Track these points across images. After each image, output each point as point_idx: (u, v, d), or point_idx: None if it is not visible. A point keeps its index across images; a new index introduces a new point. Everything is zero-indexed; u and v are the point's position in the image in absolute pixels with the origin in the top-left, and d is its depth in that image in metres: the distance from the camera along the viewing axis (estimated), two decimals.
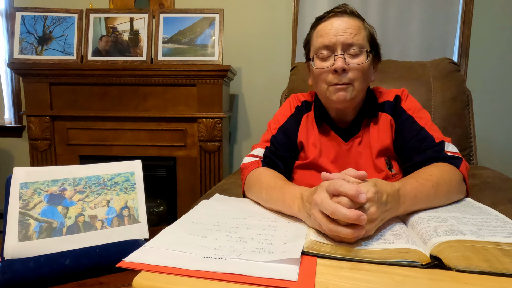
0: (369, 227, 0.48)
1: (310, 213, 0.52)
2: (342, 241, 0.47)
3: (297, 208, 0.57)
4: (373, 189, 0.48)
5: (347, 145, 0.83)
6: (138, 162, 0.79)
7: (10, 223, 0.65)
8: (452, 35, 1.88)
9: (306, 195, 0.55)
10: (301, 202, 0.56)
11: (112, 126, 1.76)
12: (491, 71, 1.94)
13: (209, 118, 1.72)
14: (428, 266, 0.43)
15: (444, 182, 0.63)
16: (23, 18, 1.74)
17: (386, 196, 0.51)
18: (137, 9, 1.81)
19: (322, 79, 0.78)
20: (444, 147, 0.73)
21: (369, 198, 0.47)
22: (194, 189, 1.79)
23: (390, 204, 0.51)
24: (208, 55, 1.72)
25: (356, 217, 0.44)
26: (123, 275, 0.63)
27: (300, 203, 0.57)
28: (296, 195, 0.59)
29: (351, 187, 0.46)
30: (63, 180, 0.72)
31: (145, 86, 1.72)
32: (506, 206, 0.78)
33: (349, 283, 0.39)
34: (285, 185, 0.66)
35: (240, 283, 0.39)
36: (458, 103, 1.24)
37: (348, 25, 0.75)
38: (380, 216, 0.50)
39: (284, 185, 0.66)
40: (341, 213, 0.45)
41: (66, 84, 1.73)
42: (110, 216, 0.72)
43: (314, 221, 0.51)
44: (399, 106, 0.82)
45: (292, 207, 0.59)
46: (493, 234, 0.47)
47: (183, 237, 0.51)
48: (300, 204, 0.56)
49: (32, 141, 1.76)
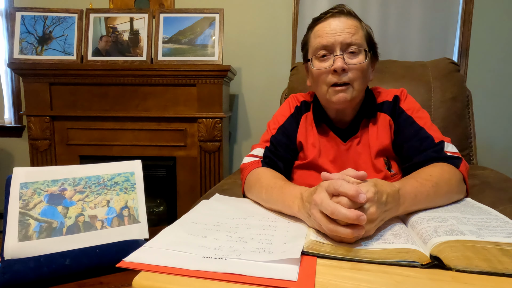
0: (369, 227, 0.48)
1: (310, 213, 0.52)
2: (342, 241, 0.47)
3: (297, 208, 0.57)
4: (373, 189, 0.48)
5: (346, 145, 0.83)
6: (138, 162, 0.79)
7: (10, 223, 0.64)
8: (452, 35, 1.88)
9: (306, 195, 0.55)
10: (301, 202, 0.56)
11: (112, 126, 1.76)
12: (491, 71, 1.93)
13: (209, 118, 1.72)
14: (428, 266, 0.42)
15: (444, 182, 0.63)
16: (23, 18, 1.73)
17: (386, 196, 0.51)
18: (137, 9, 1.81)
19: (322, 79, 0.78)
20: (444, 147, 0.73)
21: (369, 198, 0.47)
22: (194, 189, 1.79)
23: (390, 205, 0.52)
24: (208, 55, 1.72)
25: (355, 217, 0.44)
26: (123, 275, 0.63)
27: (300, 203, 0.56)
28: (296, 195, 0.59)
29: (351, 187, 0.46)
30: (63, 180, 0.72)
31: (145, 86, 1.72)
32: (506, 206, 0.78)
33: (349, 283, 0.39)
34: (284, 185, 0.66)
35: (240, 283, 0.39)
36: (458, 103, 1.24)
37: (345, 25, 0.75)
38: (380, 216, 0.50)
39: (283, 185, 0.66)
40: (341, 213, 0.45)
41: (66, 84, 1.73)
42: (110, 216, 0.72)
43: (314, 221, 0.51)
44: (398, 106, 0.82)
45: (292, 207, 0.59)
46: (493, 234, 0.47)
47: (183, 237, 0.51)
48: (300, 204, 0.56)
49: (32, 141, 1.76)
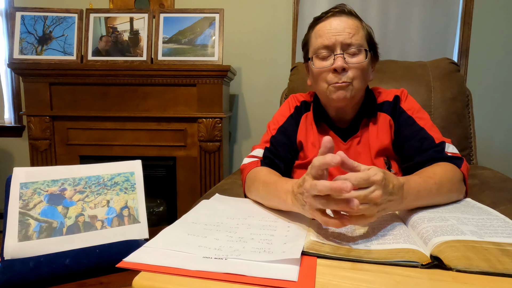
0: (372, 212, 0.48)
1: (303, 203, 0.52)
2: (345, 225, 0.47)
3: (290, 202, 0.57)
4: (381, 174, 0.48)
5: (346, 145, 0.83)
6: (138, 162, 0.79)
7: (10, 223, 0.64)
8: (452, 35, 1.88)
9: (296, 187, 0.55)
10: (292, 195, 0.57)
11: (112, 126, 1.76)
12: (491, 71, 1.93)
13: (209, 118, 1.72)
14: (428, 266, 0.42)
15: (446, 180, 0.63)
16: (23, 18, 1.73)
17: (392, 186, 0.51)
18: (137, 9, 1.81)
19: (322, 78, 0.78)
20: (445, 148, 0.73)
21: (377, 181, 0.47)
22: (194, 189, 1.79)
23: (394, 195, 0.51)
24: (208, 55, 1.72)
25: (337, 186, 0.43)
26: (123, 275, 0.63)
27: (292, 197, 0.57)
28: (288, 189, 0.59)
29: (329, 156, 0.46)
30: (63, 180, 0.72)
31: (145, 86, 1.72)
32: (506, 206, 0.78)
33: (349, 283, 0.39)
34: (278, 180, 0.66)
35: (240, 283, 0.39)
36: (458, 103, 1.24)
37: (346, 25, 0.75)
38: (383, 203, 0.49)
39: (277, 180, 0.66)
40: (323, 185, 0.45)
41: (66, 84, 1.72)
42: (110, 216, 0.72)
43: (309, 210, 0.50)
44: (398, 106, 0.82)
45: (286, 202, 0.59)
46: (493, 234, 0.47)
47: (183, 237, 0.51)
48: (293, 197, 0.56)
49: (32, 141, 1.75)
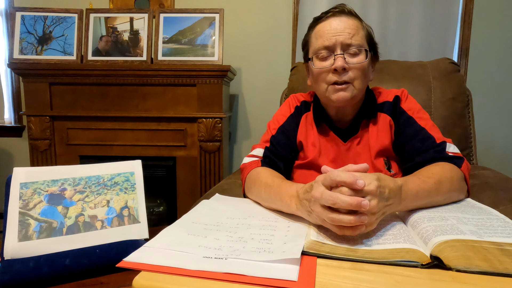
0: (370, 220, 0.48)
1: (310, 210, 0.52)
2: (345, 234, 0.47)
3: (295, 207, 0.57)
4: (375, 183, 0.48)
5: (346, 145, 0.83)
6: (138, 162, 0.79)
7: (10, 223, 0.64)
8: (452, 35, 1.88)
9: (302, 193, 0.55)
10: (298, 201, 0.56)
11: (112, 126, 1.75)
12: (491, 71, 1.93)
13: (209, 118, 1.72)
14: (428, 266, 0.42)
15: (445, 180, 0.63)
16: (23, 18, 1.73)
17: (389, 191, 0.51)
18: (137, 9, 1.81)
19: (322, 78, 0.78)
20: (446, 148, 0.73)
21: (371, 191, 0.47)
22: (194, 189, 1.79)
23: (391, 200, 0.52)
24: (208, 55, 1.72)
25: (357, 202, 0.44)
26: (123, 275, 0.63)
27: (297, 201, 0.57)
28: (292, 193, 0.59)
29: (348, 175, 0.47)
30: (63, 180, 0.72)
31: (145, 86, 1.72)
32: (506, 206, 0.78)
33: (349, 283, 0.39)
34: (281, 183, 0.66)
35: (240, 283, 0.39)
36: (458, 103, 1.24)
37: (346, 25, 0.75)
38: (381, 210, 0.50)
39: (280, 183, 0.66)
40: (342, 200, 0.45)
41: (66, 84, 1.72)
42: (110, 216, 0.72)
43: (315, 217, 0.51)
44: (398, 107, 0.82)
45: (290, 206, 0.59)
46: (493, 234, 0.47)
47: (183, 237, 0.51)
48: (298, 202, 0.56)
49: (32, 141, 1.75)
